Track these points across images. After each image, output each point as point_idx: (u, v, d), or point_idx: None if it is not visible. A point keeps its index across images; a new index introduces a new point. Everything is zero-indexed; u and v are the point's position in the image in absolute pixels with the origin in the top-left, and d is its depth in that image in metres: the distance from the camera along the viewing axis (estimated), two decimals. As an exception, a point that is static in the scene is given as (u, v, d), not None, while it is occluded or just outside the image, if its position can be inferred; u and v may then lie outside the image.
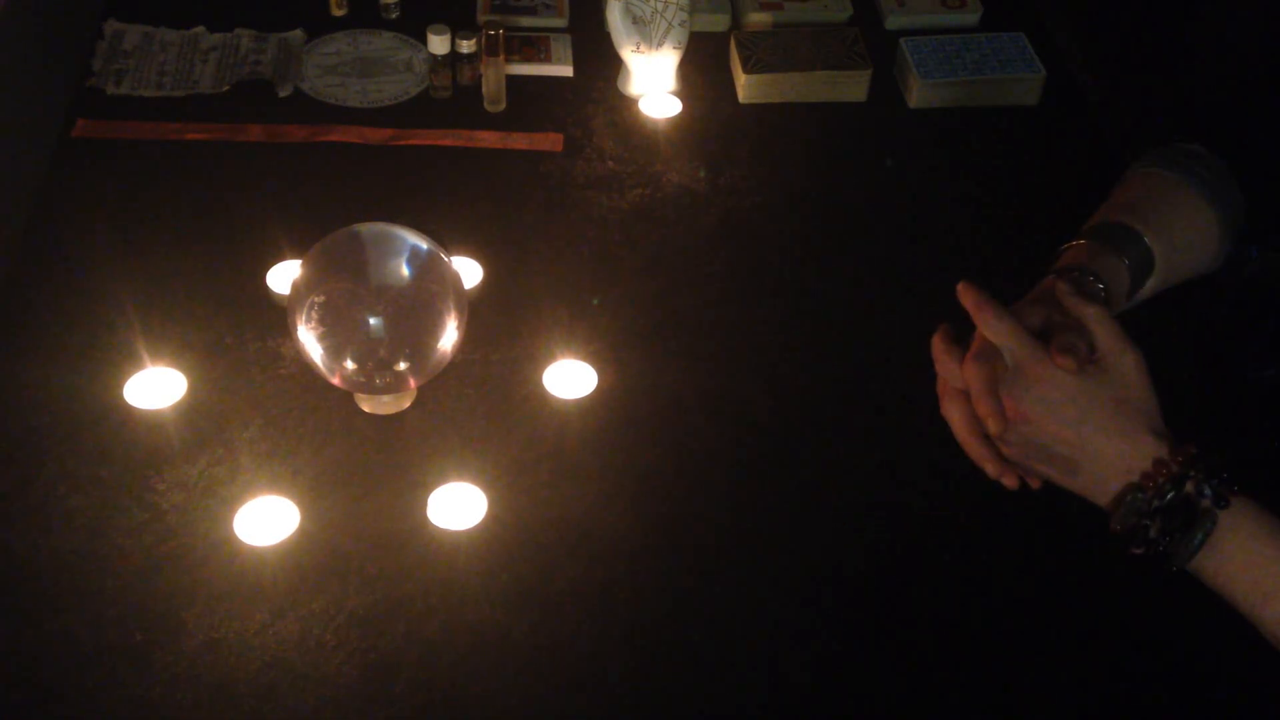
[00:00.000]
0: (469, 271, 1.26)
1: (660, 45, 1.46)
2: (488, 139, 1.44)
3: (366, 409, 1.15)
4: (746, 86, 1.50)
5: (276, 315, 1.22)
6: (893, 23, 1.62)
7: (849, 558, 1.08)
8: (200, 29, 1.53)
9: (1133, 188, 1.06)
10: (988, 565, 1.08)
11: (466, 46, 1.46)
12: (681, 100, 1.50)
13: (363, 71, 1.51)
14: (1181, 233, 1.03)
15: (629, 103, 1.50)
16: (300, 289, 1.09)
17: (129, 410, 1.14)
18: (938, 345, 0.94)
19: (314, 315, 1.08)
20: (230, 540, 1.05)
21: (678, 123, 1.48)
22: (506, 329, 1.23)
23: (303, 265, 1.10)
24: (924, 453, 1.11)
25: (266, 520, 1.06)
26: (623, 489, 1.11)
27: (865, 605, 1.05)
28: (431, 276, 1.10)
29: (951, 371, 0.93)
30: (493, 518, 1.08)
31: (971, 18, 1.62)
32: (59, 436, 1.11)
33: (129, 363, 1.17)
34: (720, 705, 0.99)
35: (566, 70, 1.53)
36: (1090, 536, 0.97)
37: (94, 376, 1.16)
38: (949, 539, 1.09)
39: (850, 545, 1.09)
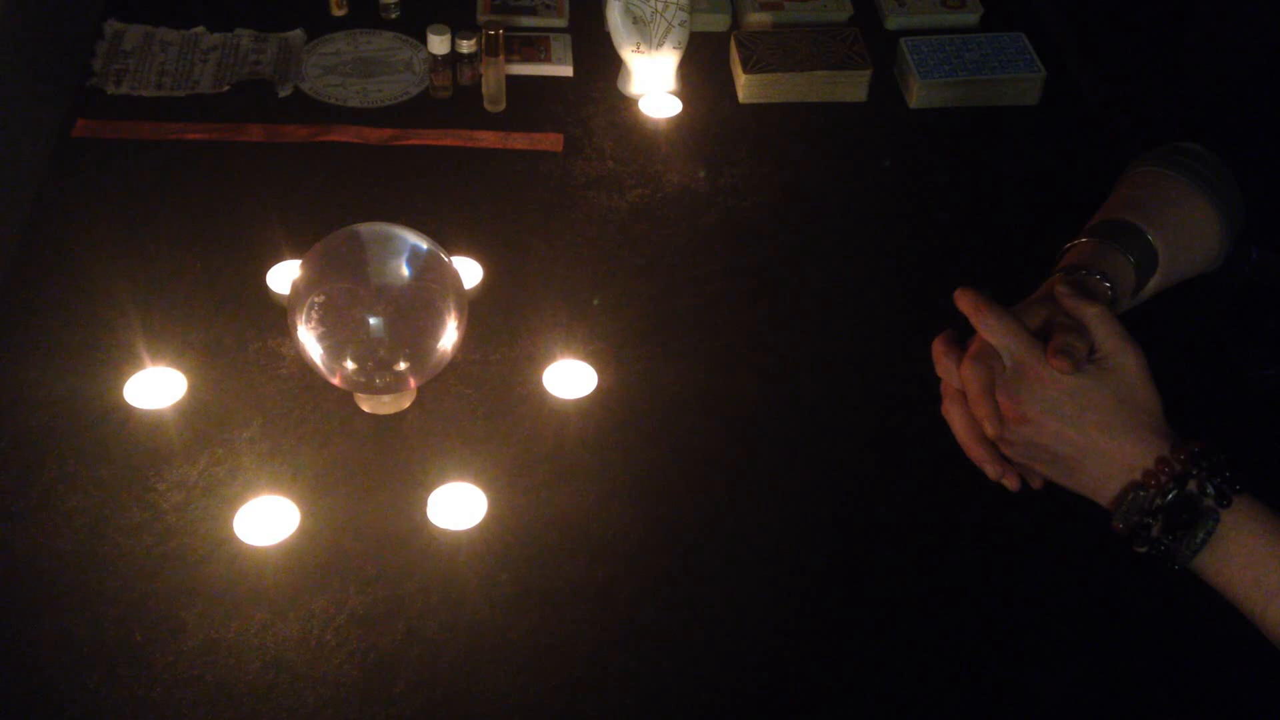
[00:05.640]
0: (469, 271, 1.25)
1: (660, 45, 1.46)
2: (488, 139, 1.44)
3: (366, 409, 1.15)
4: (746, 86, 1.50)
5: (276, 315, 1.22)
6: (893, 23, 1.62)
7: (849, 557, 1.08)
8: (200, 29, 1.53)
9: (1134, 186, 1.06)
10: (989, 565, 1.08)
11: (466, 46, 1.46)
12: (681, 100, 1.49)
13: (363, 71, 1.51)
14: (1183, 230, 1.03)
15: (629, 103, 1.50)
16: (300, 289, 1.09)
17: (129, 410, 1.14)
18: (938, 347, 0.94)
19: (314, 315, 1.08)
20: (230, 540, 1.05)
21: (678, 123, 1.48)
22: (506, 329, 1.23)
23: (303, 265, 1.10)
24: (925, 453, 1.11)
25: (266, 520, 1.06)
26: (622, 489, 1.11)
27: (866, 605, 1.05)
28: (431, 276, 1.10)
29: (951, 373, 0.93)
30: (493, 518, 1.08)
31: (971, 18, 1.62)
32: (59, 436, 1.11)
33: (129, 363, 1.17)
34: (720, 705, 0.99)
35: (566, 70, 1.53)
36: (1092, 536, 0.97)
37: (94, 376, 1.16)
38: (951, 539, 1.09)
39: (851, 545, 1.09)
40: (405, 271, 1.09)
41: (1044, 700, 1.00)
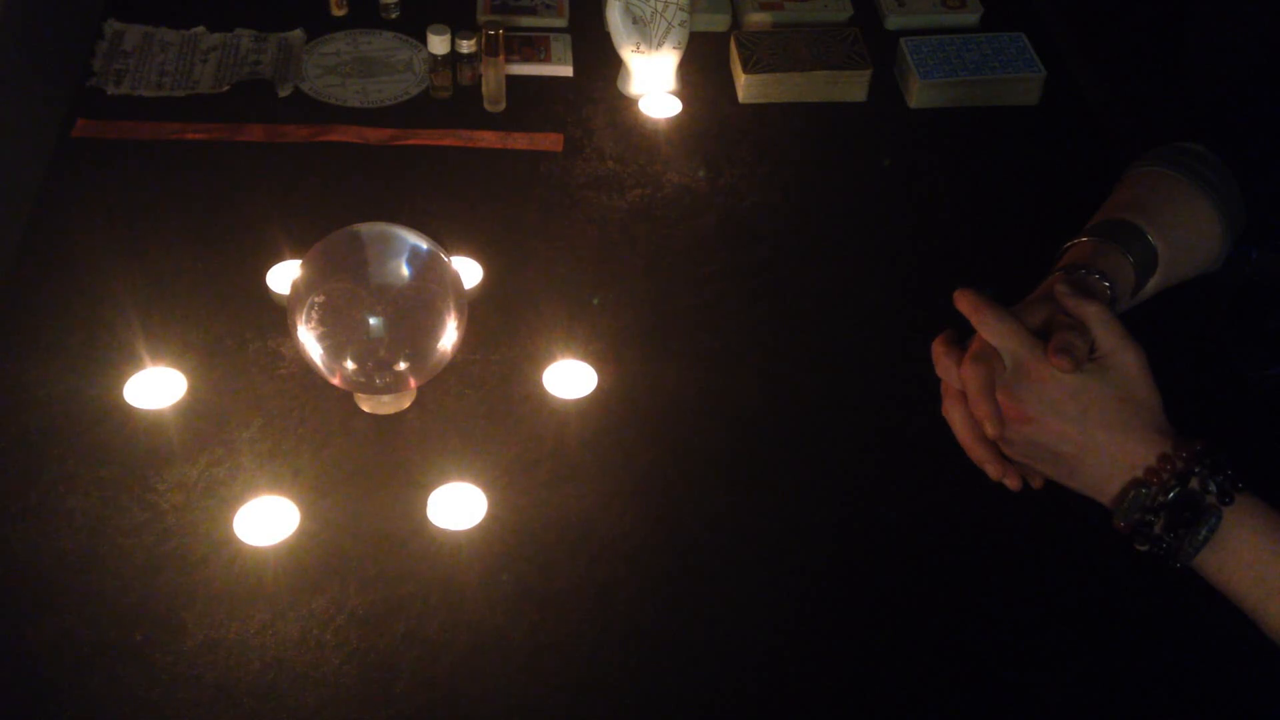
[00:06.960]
0: (469, 271, 1.25)
1: (660, 45, 1.46)
2: (488, 139, 1.44)
3: (366, 409, 1.15)
4: (746, 86, 1.50)
5: (276, 315, 1.22)
6: (893, 23, 1.62)
7: (849, 558, 1.08)
8: (200, 29, 1.53)
9: (1134, 186, 1.06)
10: (989, 565, 1.08)
11: (466, 46, 1.46)
12: (681, 100, 1.49)
13: (363, 71, 1.51)
14: (1184, 230, 1.03)
15: (629, 103, 1.50)
16: (300, 289, 1.09)
17: (129, 410, 1.13)
18: (938, 347, 0.94)
19: (314, 315, 1.08)
20: (230, 540, 1.05)
21: (678, 123, 1.48)
22: (506, 329, 1.23)
23: (303, 265, 1.10)
24: (925, 453, 1.11)
25: (266, 520, 1.06)
26: (622, 489, 1.11)
27: (866, 605, 1.05)
28: (431, 276, 1.10)
29: (950, 373, 0.93)
30: (493, 518, 1.08)
31: (971, 18, 1.62)
32: (59, 436, 1.11)
33: (129, 363, 1.17)
34: (720, 705, 0.99)
35: (566, 70, 1.53)
36: (1092, 536, 0.97)
37: (94, 376, 1.16)
38: (951, 539, 1.09)
39: (851, 545, 1.09)
40: (405, 271, 1.09)
41: (1044, 700, 1.00)
